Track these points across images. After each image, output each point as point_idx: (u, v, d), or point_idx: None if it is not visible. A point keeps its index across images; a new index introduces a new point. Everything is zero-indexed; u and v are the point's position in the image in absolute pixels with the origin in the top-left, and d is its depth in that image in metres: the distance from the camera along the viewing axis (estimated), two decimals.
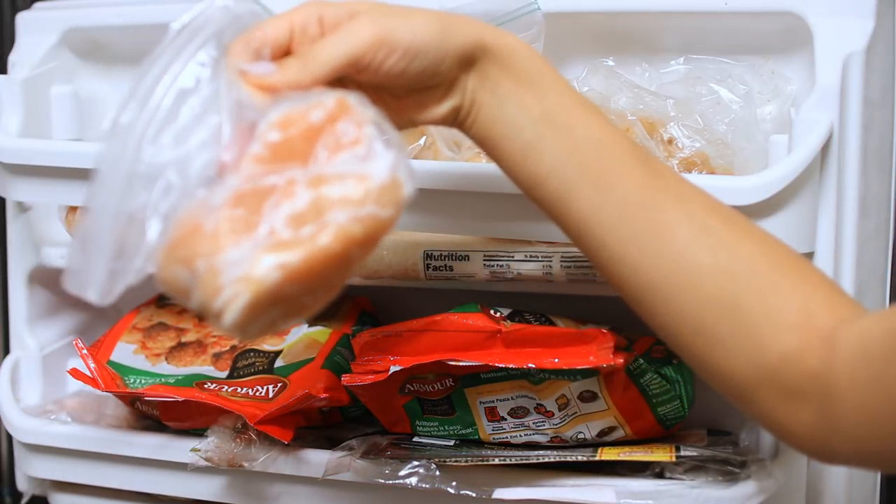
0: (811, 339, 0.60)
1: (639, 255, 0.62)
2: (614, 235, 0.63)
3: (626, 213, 0.62)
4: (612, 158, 0.63)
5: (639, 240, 0.62)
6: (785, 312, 0.60)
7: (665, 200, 0.62)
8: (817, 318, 0.60)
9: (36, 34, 0.97)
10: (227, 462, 0.82)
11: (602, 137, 0.63)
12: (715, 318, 0.61)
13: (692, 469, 0.77)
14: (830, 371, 0.59)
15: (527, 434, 0.81)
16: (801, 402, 0.60)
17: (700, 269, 0.61)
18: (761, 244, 0.63)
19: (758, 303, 0.61)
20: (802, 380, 0.60)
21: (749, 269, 0.61)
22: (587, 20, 0.85)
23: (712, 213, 0.63)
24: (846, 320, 0.60)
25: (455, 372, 0.80)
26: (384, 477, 0.79)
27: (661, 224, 0.62)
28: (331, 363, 0.86)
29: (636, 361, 0.78)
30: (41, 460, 0.93)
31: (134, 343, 0.92)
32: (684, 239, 0.62)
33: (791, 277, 0.62)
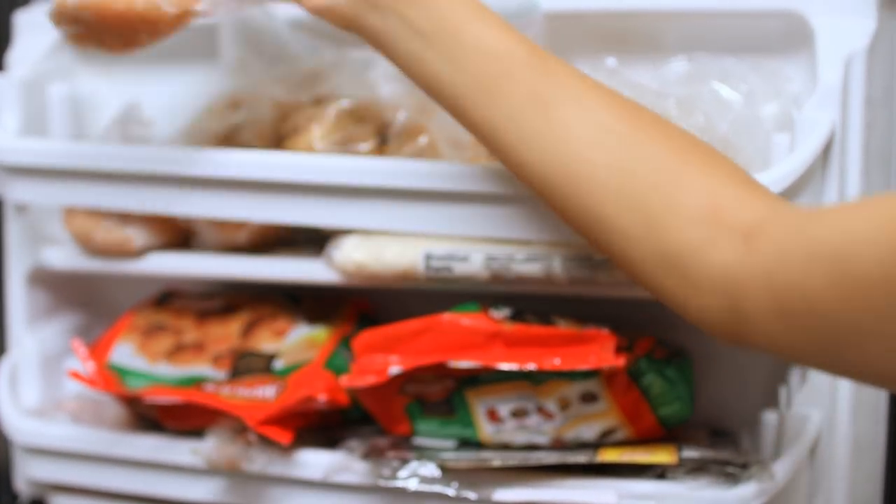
0: (718, 233, 0.60)
1: (537, 157, 0.65)
2: (511, 139, 0.65)
3: (520, 118, 0.64)
4: (501, 66, 0.65)
5: (535, 143, 0.64)
6: (689, 207, 0.61)
7: (561, 102, 0.64)
8: (725, 213, 0.61)
9: (34, 33, 0.96)
10: (226, 463, 0.82)
11: (494, 46, 0.65)
12: (618, 212, 0.63)
13: (694, 470, 0.77)
14: (742, 268, 0.59)
15: (527, 435, 0.81)
16: (710, 295, 0.61)
17: (598, 169, 0.63)
18: (665, 140, 0.64)
19: (660, 198, 0.62)
20: (709, 273, 0.61)
21: (651, 166, 0.63)
22: (589, 19, 0.84)
23: (612, 111, 0.64)
24: (762, 217, 0.60)
25: (455, 373, 0.79)
26: (384, 478, 0.79)
27: (556, 126, 0.64)
28: (331, 364, 0.86)
29: (637, 362, 0.78)
30: (40, 462, 0.92)
31: (133, 344, 0.92)
32: (581, 139, 0.63)
33: (697, 172, 0.63)
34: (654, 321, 0.86)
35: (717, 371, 0.87)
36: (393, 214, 0.80)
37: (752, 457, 0.77)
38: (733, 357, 0.87)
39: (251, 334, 0.91)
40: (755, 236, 0.60)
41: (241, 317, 0.92)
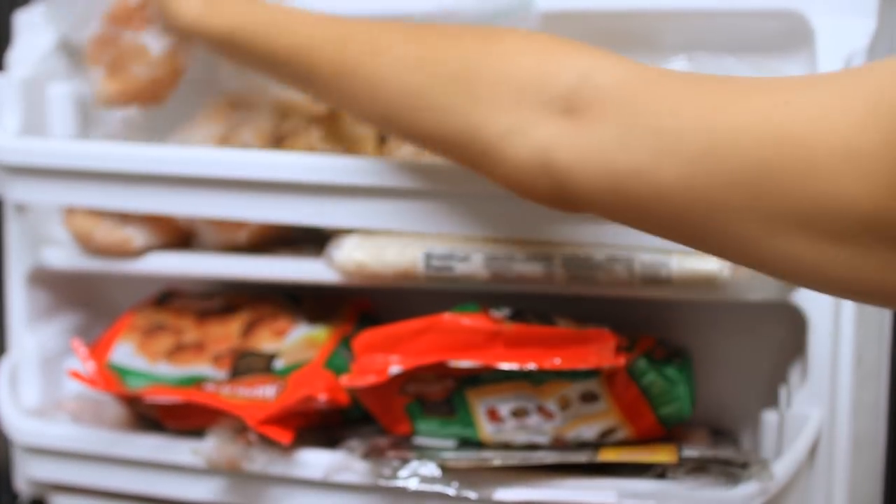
0: (529, 114, 0.60)
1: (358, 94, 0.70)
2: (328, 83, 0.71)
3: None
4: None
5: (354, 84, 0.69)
6: (493, 92, 0.62)
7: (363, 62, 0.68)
8: (534, 89, 0.61)
9: (34, 33, 0.96)
10: (226, 463, 0.82)
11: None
12: (427, 104, 0.65)
13: (694, 470, 0.77)
14: (564, 150, 0.59)
15: (527, 435, 0.81)
16: (527, 175, 0.61)
17: (404, 77, 0.67)
18: (463, 34, 0.67)
19: (463, 87, 0.63)
20: (525, 157, 0.61)
21: (450, 57, 0.65)
22: (588, 19, 0.84)
23: (409, 37, 0.68)
24: (582, 83, 0.59)
25: (455, 373, 0.79)
26: (384, 478, 0.78)
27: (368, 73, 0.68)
28: (331, 364, 0.86)
29: (637, 362, 0.78)
30: (40, 462, 0.92)
31: (133, 344, 0.92)
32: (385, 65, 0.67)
33: (501, 53, 0.63)
34: (655, 321, 0.87)
35: (717, 371, 0.87)
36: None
37: (753, 456, 0.77)
38: (734, 356, 0.88)
39: (251, 334, 0.91)
40: (579, 109, 0.59)
41: (242, 316, 0.92)
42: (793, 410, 0.79)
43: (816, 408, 0.78)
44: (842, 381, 0.78)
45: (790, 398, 0.80)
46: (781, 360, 0.84)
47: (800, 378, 0.80)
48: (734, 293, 0.78)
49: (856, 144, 0.48)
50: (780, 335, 0.85)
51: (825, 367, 0.78)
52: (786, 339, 0.84)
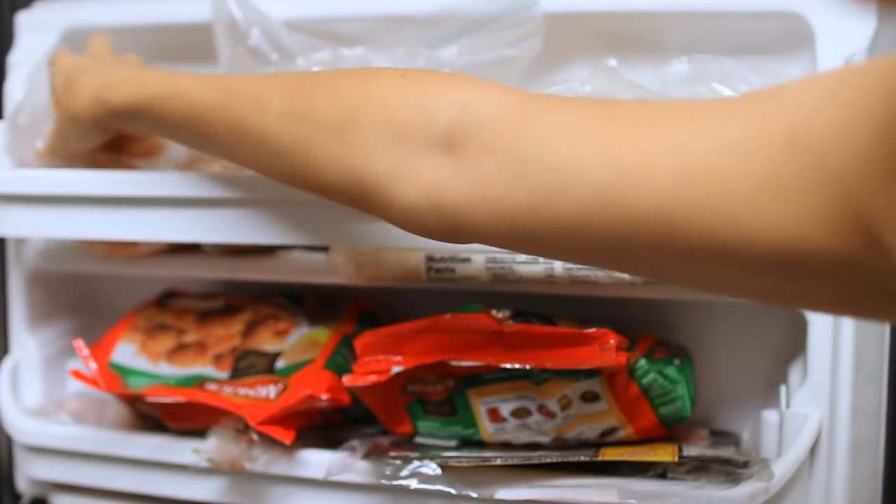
0: (411, 155, 0.60)
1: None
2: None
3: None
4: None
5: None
6: (374, 134, 0.61)
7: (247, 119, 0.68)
8: (413, 127, 0.60)
9: (36, 34, 0.96)
10: (228, 463, 0.82)
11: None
12: (311, 158, 0.65)
13: (694, 469, 0.77)
14: (451, 189, 0.58)
15: (528, 435, 0.81)
16: (416, 214, 0.60)
17: (280, 132, 0.66)
18: (338, 82, 0.66)
19: (344, 135, 0.63)
20: (411, 200, 0.60)
21: (326, 107, 0.64)
22: (590, 20, 0.85)
23: (286, 89, 0.68)
24: (462, 117, 0.58)
25: (457, 372, 0.79)
26: (386, 478, 0.78)
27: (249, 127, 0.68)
28: (333, 364, 0.86)
29: (638, 362, 0.78)
30: (42, 461, 0.93)
31: (134, 344, 0.92)
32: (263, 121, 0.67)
33: (378, 97, 0.63)
34: (655, 321, 0.87)
35: (717, 371, 0.88)
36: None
37: (753, 456, 0.77)
38: (734, 356, 0.88)
39: (253, 334, 0.91)
40: (460, 145, 0.57)
41: (243, 317, 0.92)
42: (792, 410, 0.79)
43: (816, 408, 0.78)
44: (842, 381, 0.78)
45: (790, 398, 0.80)
46: (781, 360, 0.85)
47: (800, 378, 0.80)
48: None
49: (774, 175, 0.46)
50: (780, 335, 0.85)
51: (825, 367, 0.78)
52: (786, 340, 0.84)
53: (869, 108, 0.44)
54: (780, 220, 0.46)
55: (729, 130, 0.48)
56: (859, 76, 0.46)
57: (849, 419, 0.78)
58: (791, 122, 0.46)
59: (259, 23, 0.90)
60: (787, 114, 0.47)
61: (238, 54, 0.90)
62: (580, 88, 0.79)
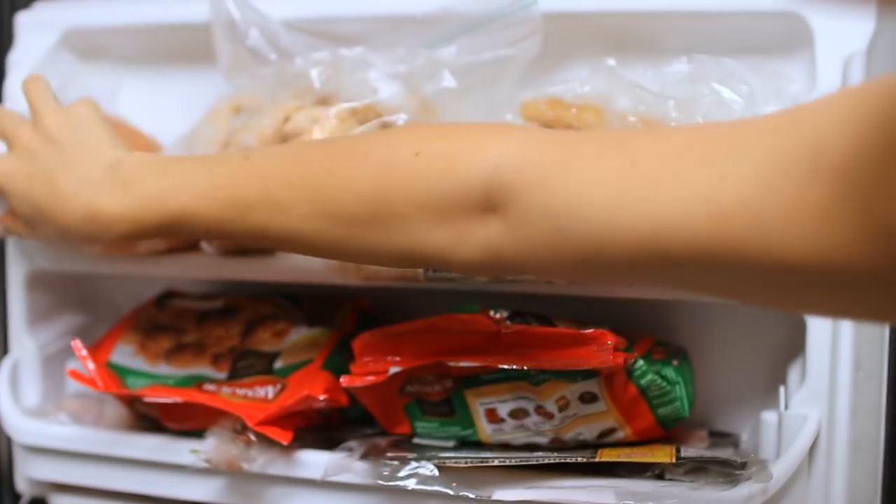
0: (462, 225, 0.62)
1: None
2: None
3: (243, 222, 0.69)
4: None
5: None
6: (417, 213, 0.63)
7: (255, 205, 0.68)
8: (456, 199, 0.62)
9: (35, 34, 0.96)
10: (226, 463, 0.81)
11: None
12: (360, 236, 0.66)
13: (692, 470, 0.76)
14: (505, 246, 0.61)
15: (527, 435, 0.81)
16: (473, 270, 0.64)
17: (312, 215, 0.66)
18: (354, 148, 0.67)
19: (387, 216, 0.64)
20: (468, 262, 0.63)
21: (356, 188, 0.65)
22: (589, 20, 0.85)
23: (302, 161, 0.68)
24: (497, 177, 0.60)
25: (455, 373, 0.79)
26: (384, 478, 0.78)
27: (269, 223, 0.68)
28: (330, 364, 0.86)
29: (636, 362, 0.78)
30: (41, 461, 0.93)
31: (133, 344, 0.92)
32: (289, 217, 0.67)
33: (405, 171, 0.64)
34: (654, 322, 0.87)
35: (715, 371, 0.88)
36: None
37: (751, 457, 0.77)
38: (732, 357, 0.88)
39: (251, 335, 0.91)
40: (501, 206, 0.60)
41: (241, 317, 0.92)
42: (791, 411, 0.79)
43: (815, 408, 0.78)
44: (840, 382, 0.78)
45: (789, 399, 0.80)
46: (780, 361, 0.84)
47: (799, 379, 0.80)
48: None
49: (803, 201, 0.48)
50: (778, 336, 0.85)
51: (824, 368, 0.78)
52: (785, 341, 0.84)
53: (883, 124, 0.45)
54: (814, 243, 0.48)
55: (753, 166, 0.50)
56: (869, 94, 0.48)
57: (848, 420, 0.78)
58: (811, 147, 0.48)
59: (258, 23, 0.90)
60: (805, 139, 0.49)
61: (237, 55, 0.90)
62: (580, 88, 0.79)
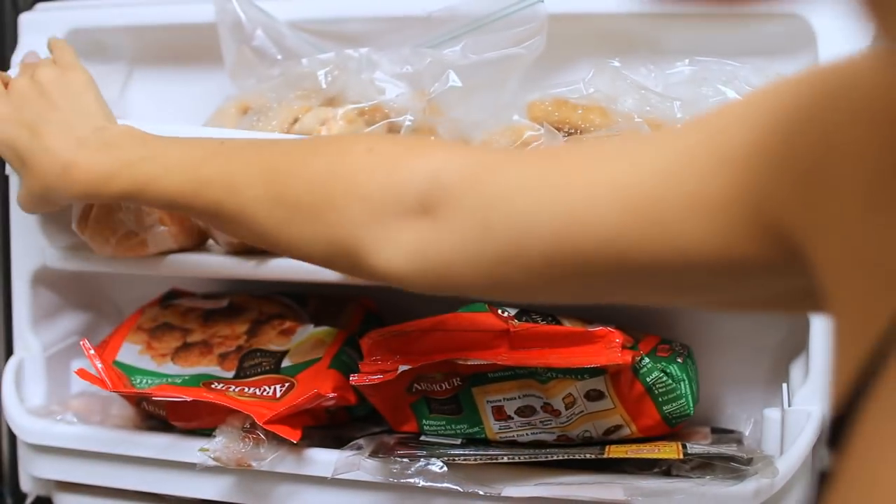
0: (389, 224, 0.63)
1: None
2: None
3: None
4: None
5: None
6: (345, 210, 0.64)
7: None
8: (386, 199, 0.63)
9: (39, 35, 0.96)
10: (235, 462, 0.82)
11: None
12: (282, 221, 0.67)
13: (698, 467, 0.78)
14: (434, 247, 0.61)
15: (533, 433, 0.81)
16: (398, 275, 0.63)
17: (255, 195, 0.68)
18: (297, 149, 0.70)
19: (312, 207, 0.66)
20: (393, 264, 0.63)
21: (296, 175, 0.67)
22: (593, 22, 0.85)
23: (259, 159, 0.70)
24: (433, 179, 0.61)
25: (462, 371, 0.80)
26: (393, 476, 0.79)
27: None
28: (338, 363, 0.86)
29: (642, 360, 0.79)
30: (46, 461, 0.93)
31: (139, 344, 0.92)
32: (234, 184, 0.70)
33: (343, 169, 0.65)
34: (659, 320, 0.87)
35: (720, 369, 0.88)
36: None
37: (757, 453, 0.78)
38: (735, 355, 0.89)
39: (257, 334, 0.91)
40: (434, 209, 0.61)
41: (248, 317, 0.93)
42: (795, 408, 0.79)
43: (818, 405, 0.79)
44: None
45: (792, 396, 0.80)
46: (783, 359, 0.85)
47: (802, 376, 0.81)
48: None
49: (703, 194, 0.49)
50: (781, 334, 0.86)
51: (827, 364, 0.79)
52: (788, 338, 0.85)
53: (777, 125, 0.46)
54: (711, 235, 0.49)
55: (660, 158, 0.52)
56: (766, 97, 0.49)
57: None
58: (716, 144, 0.49)
59: (263, 23, 0.90)
60: (713, 135, 0.50)
61: (243, 55, 0.91)
62: (585, 89, 0.80)
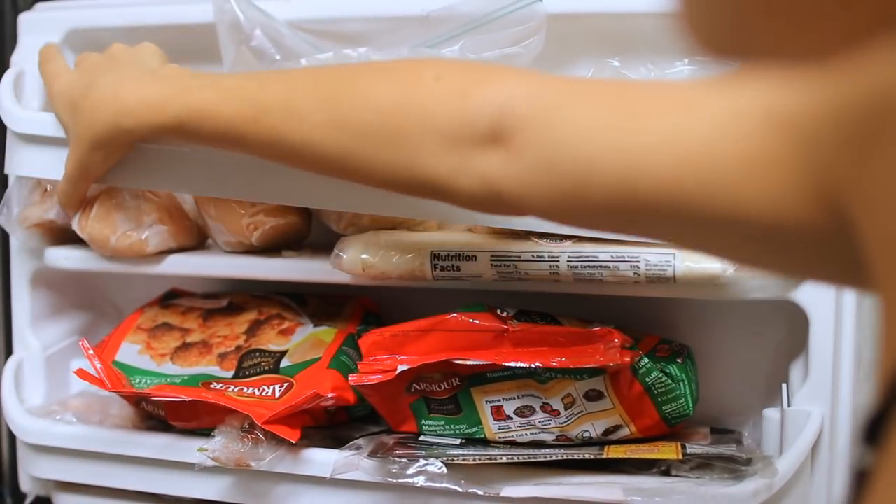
0: (465, 153, 0.64)
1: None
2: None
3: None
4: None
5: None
6: (424, 136, 0.65)
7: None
8: (463, 128, 0.64)
9: (38, 35, 0.96)
10: (234, 462, 0.82)
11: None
12: (365, 149, 0.67)
13: (698, 467, 0.78)
14: (507, 179, 0.62)
15: (533, 433, 0.81)
16: (474, 203, 0.65)
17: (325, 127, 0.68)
18: (374, 74, 0.69)
19: (395, 134, 0.66)
20: (469, 193, 0.65)
21: (371, 107, 0.67)
22: (593, 21, 0.85)
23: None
24: (505, 110, 0.62)
25: (462, 371, 0.80)
26: (392, 476, 0.79)
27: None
28: (337, 363, 0.86)
29: (641, 360, 0.79)
30: (46, 461, 0.93)
31: (138, 343, 0.92)
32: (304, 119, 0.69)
33: (423, 94, 0.66)
34: (658, 320, 0.87)
35: (719, 369, 0.88)
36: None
37: (756, 453, 0.78)
38: (736, 355, 0.88)
39: (257, 334, 0.91)
40: (506, 139, 0.62)
41: (247, 316, 0.93)
42: (794, 408, 0.80)
43: (818, 405, 0.79)
44: (843, 379, 0.79)
45: (791, 396, 0.80)
46: (783, 358, 0.85)
47: (801, 376, 0.81)
48: (736, 292, 0.78)
49: (756, 158, 0.49)
50: (781, 333, 0.86)
51: (826, 364, 0.79)
52: (787, 338, 0.85)
53: (835, 89, 0.46)
54: (764, 195, 0.49)
55: (721, 112, 0.52)
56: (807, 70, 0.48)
57: (850, 416, 0.79)
58: (766, 102, 0.50)
59: (262, 23, 0.90)
60: (762, 94, 0.50)
61: (242, 55, 0.91)
62: None
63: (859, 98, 0.43)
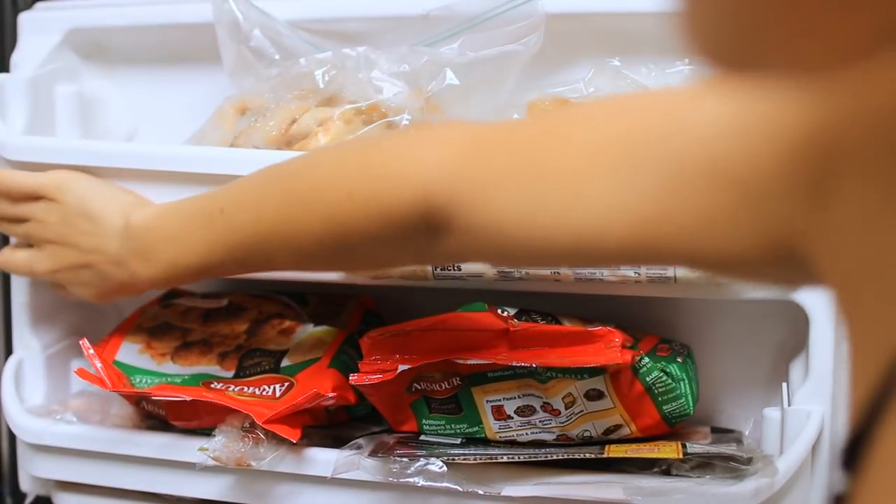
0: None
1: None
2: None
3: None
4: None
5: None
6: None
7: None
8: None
9: (38, 34, 0.96)
10: (234, 461, 0.82)
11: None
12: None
13: (698, 466, 0.77)
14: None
15: (533, 432, 0.81)
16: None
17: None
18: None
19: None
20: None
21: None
22: (593, 21, 0.85)
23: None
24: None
25: (462, 371, 0.80)
26: (392, 475, 0.79)
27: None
28: (337, 362, 0.86)
29: (642, 359, 0.79)
30: (46, 460, 0.92)
31: (139, 343, 0.92)
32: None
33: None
34: (658, 319, 0.87)
35: (719, 368, 0.88)
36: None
37: (756, 452, 0.78)
38: (736, 354, 0.89)
39: (257, 333, 0.91)
40: (446, 224, 0.63)
41: (247, 316, 0.93)
42: (794, 407, 0.80)
43: (818, 405, 0.79)
44: (843, 379, 0.79)
45: (792, 395, 0.80)
46: (783, 358, 0.85)
47: (801, 375, 0.81)
48: (737, 292, 0.79)
49: (706, 211, 0.51)
50: (781, 333, 0.86)
51: (827, 364, 0.79)
52: (787, 337, 0.85)
53: (775, 135, 0.46)
54: (725, 244, 0.51)
55: (657, 174, 0.52)
56: (756, 104, 0.49)
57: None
58: (707, 156, 0.50)
59: (261, 23, 0.90)
60: (702, 148, 0.50)
61: (241, 55, 0.91)
62: (585, 89, 0.80)
63: (812, 141, 0.44)
